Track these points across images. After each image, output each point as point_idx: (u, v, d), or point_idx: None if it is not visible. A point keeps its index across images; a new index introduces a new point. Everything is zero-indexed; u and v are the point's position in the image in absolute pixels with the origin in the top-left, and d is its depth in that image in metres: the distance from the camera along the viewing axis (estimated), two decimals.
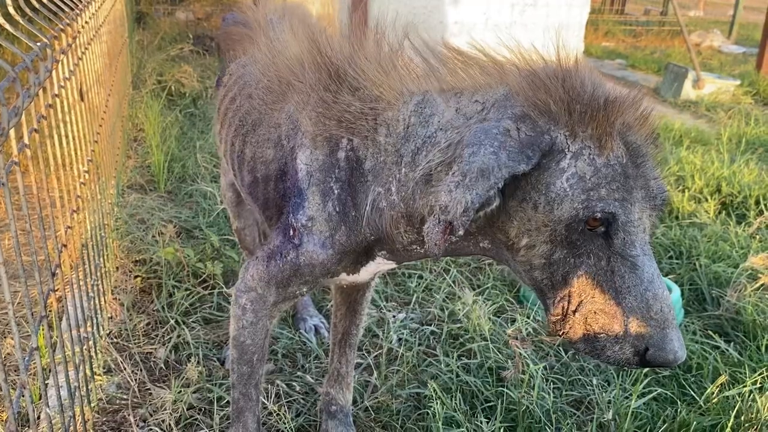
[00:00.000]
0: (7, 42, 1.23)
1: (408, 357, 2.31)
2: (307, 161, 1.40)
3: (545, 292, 1.20)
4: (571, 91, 1.11)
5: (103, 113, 2.83)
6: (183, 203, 3.55)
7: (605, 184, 1.09)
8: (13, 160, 1.29)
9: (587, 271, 1.13)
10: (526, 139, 1.10)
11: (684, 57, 8.15)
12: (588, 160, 1.10)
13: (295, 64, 1.48)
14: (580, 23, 5.38)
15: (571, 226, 1.11)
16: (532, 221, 1.14)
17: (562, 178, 1.10)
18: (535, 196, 1.12)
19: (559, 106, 1.11)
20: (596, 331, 1.13)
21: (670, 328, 1.10)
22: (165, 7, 9.45)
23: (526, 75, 1.16)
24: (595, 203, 1.09)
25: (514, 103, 1.15)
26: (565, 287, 1.16)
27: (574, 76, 1.13)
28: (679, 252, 3.10)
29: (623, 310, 1.11)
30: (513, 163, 1.07)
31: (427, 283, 2.80)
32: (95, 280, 2.17)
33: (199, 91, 5.54)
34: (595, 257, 1.12)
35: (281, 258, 1.45)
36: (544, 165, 1.11)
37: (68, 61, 1.91)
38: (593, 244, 1.12)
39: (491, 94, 1.20)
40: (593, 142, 1.11)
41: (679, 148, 4.57)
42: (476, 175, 1.07)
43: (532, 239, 1.15)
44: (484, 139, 1.10)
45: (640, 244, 1.12)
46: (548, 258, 1.15)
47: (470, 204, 1.06)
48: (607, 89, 1.14)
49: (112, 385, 2.11)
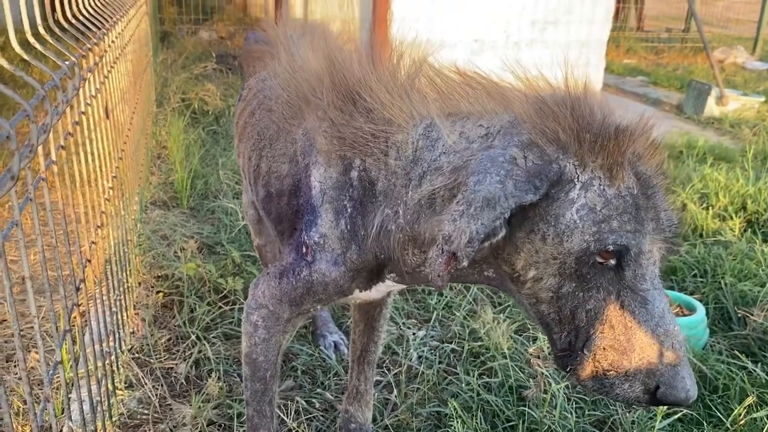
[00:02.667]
0: (36, 61, 1.25)
1: (428, 375, 2.29)
2: (321, 179, 1.41)
3: (552, 326, 1.16)
4: (580, 119, 1.09)
5: (128, 130, 2.87)
6: (205, 219, 3.58)
7: (617, 216, 1.06)
8: (41, 176, 1.31)
9: (596, 306, 1.10)
10: (533, 167, 1.07)
11: (707, 74, 8.08)
12: (598, 191, 1.07)
13: (314, 81, 1.49)
14: (601, 40, 5.37)
15: (582, 259, 1.07)
16: (540, 253, 1.11)
17: (571, 209, 1.07)
18: (544, 227, 1.09)
19: (568, 135, 1.08)
20: (605, 368, 1.10)
21: (681, 365, 1.07)
22: (189, 26, 9.61)
23: (534, 102, 1.14)
24: (606, 236, 1.05)
25: (520, 131, 1.12)
26: (573, 322, 1.12)
27: (583, 104, 1.11)
28: (704, 270, 3.05)
29: (633, 347, 1.07)
30: (520, 192, 1.04)
31: (447, 300, 2.78)
32: (118, 295, 2.19)
33: (221, 109, 5.60)
34: (605, 291, 1.09)
35: (294, 275, 1.45)
36: (552, 195, 1.08)
37: (95, 79, 1.94)
38: (603, 278, 1.09)
39: (497, 120, 1.18)
40: (604, 173, 1.08)
41: (703, 165, 4.52)
42: (482, 204, 1.04)
43: (539, 272, 1.12)
44: (490, 167, 1.07)
45: (650, 277, 1.09)
46: (556, 291, 1.12)
47: (475, 235, 1.03)
48: (617, 118, 1.11)
49: (133, 400, 2.12)
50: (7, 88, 1.00)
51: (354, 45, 1.64)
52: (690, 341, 2.42)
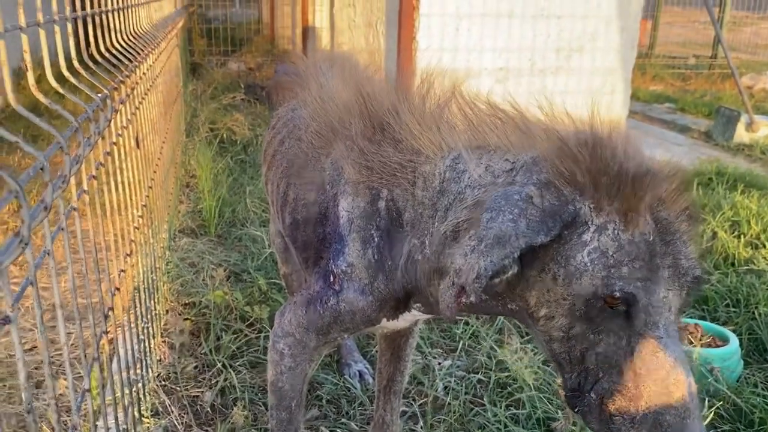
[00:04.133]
0: (70, 94, 1.29)
1: (454, 406, 2.26)
2: (348, 208, 1.41)
3: (563, 365, 1.15)
4: (599, 162, 1.07)
5: (158, 160, 2.93)
6: (232, 247, 3.61)
7: (628, 262, 1.04)
8: (73, 205, 1.34)
9: (606, 350, 1.08)
10: (549, 207, 1.06)
11: (735, 100, 7.99)
12: (612, 236, 1.05)
13: (343, 111, 1.51)
14: (626, 67, 5.35)
15: (590, 302, 1.06)
16: (551, 293, 1.10)
17: (583, 251, 1.06)
18: (555, 267, 1.08)
19: (586, 177, 1.07)
20: (611, 413, 1.08)
21: (690, 418, 1.04)
22: (218, 58, 9.81)
23: (555, 140, 1.14)
24: (614, 281, 1.04)
25: (540, 169, 1.12)
26: (583, 363, 1.11)
27: (605, 146, 1.09)
28: (737, 300, 2.98)
29: (641, 394, 1.05)
30: (532, 233, 1.04)
31: (474, 330, 2.76)
32: (146, 323, 2.21)
33: (249, 138, 5.68)
34: (615, 336, 1.07)
35: (321, 304, 1.45)
36: (565, 236, 1.07)
37: (126, 110, 1.99)
38: (613, 322, 1.07)
39: (521, 156, 1.18)
40: (619, 217, 1.06)
41: (733, 193, 4.45)
42: (492, 242, 1.04)
43: (551, 311, 1.11)
44: (504, 204, 1.07)
45: (664, 325, 1.06)
46: (567, 332, 1.11)
47: (483, 271, 1.02)
48: (639, 162, 1.09)
49: (159, 429, 2.13)
50: (42, 121, 1.03)
51: (382, 75, 1.66)
52: (723, 373, 2.35)
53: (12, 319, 0.92)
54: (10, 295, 0.91)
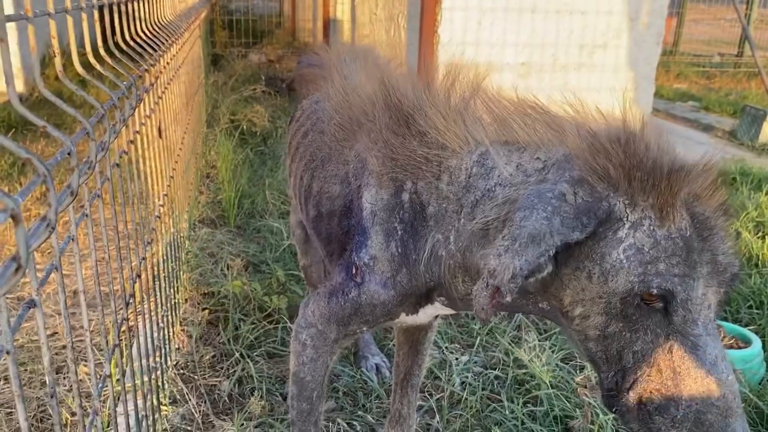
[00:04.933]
0: (96, 80, 1.29)
1: (471, 401, 2.25)
2: (372, 200, 1.41)
3: (599, 365, 1.14)
4: (632, 157, 1.06)
5: (179, 150, 2.94)
6: (251, 238, 3.63)
7: (665, 258, 1.02)
8: (96, 192, 1.35)
9: (644, 348, 1.06)
10: (582, 205, 1.05)
11: (762, 99, 7.87)
12: (648, 231, 1.04)
13: (367, 104, 1.50)
14: (650, 64, 5.28)
15: (626, 299, 1.04)
16: (586, 291, 1.09)
17: (618, 248, 1.04)
18: (590, 265, 1.07)
19: (619, 173, 1.06)
20: (650, 412, 1.06)
21: (733, 417, 1.01)
22: (239, 49, 9.84)
23: (587, 137, 1.12)
24: (652, 278, 1.02)
25: (572, 166, 1.10)
26: (620, 362, 1.09)
27: (638, 141, 1.07)
28: (760, 302, 2.94)
29: (681, 393, 1.03)
30: (566, 230, 1.02)
31: (491, 326, 2.74)
32: (165, 311, 2.23)
33: (269, 130, 5.69)
34: (653, 334, 1.05)
35: (343, 296, 1.45)
36: (600, 233, 1.05)
37: (150, 99, 1.99)
38: (651, 320, 1.05)
39: (553, 154, 1.16)
40: (654, 212, 1.04)
41: (758, 193, 4.38)
42: (527, 240, 1.02)
43: (586, 309, 1.10)
44: (538, 203, 1.06)
45: (703, 322, 1.04)
46: (603, 330, 1.09)
47: (518, 271, 1.01)
48: (673, 157, 1.07)
49: (177, 416, 2.14)
50: (69, 107, 1.03)
51: (405, 68, 1.65)
52: (745, 375, 2.32)
53: (37, 303, 0.93)
54: (36, 280, 0.92)
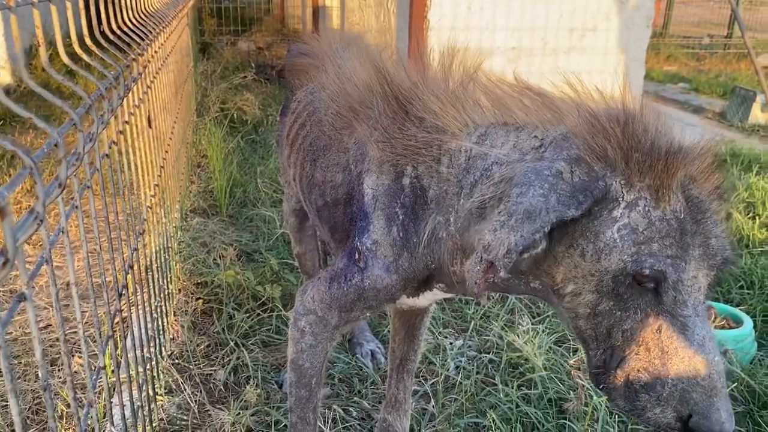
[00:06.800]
0: (83, 71, 1.28)
1: (466, 385, 2.27)
2: (373, 186, 1.41)
3: (588, 342, 1.15)
4: (630, 138, 1.06)
5: (169, 140, 2.92)
6: (244, 227, 3.62)
7: (658, 239, 1.03)
8: (86, 183, 1.34)
9: (633, 327, 1.08)
10: (579, 183, 1.05)
11: (751, 80, 7.88)
12: (642, 212, 1.05)
13: (364, 91, 1.49)
14: (640, 47, 5.27)
15: (618, 278, 1.06)
16: (578, 268, 1.10)
17: (613, 227, 1.05)
18: (583, 243, 1.08)
19: (617, 153, 1.06)
20: (637, 390, 1.08)
21: (718, 396, 1.03)
22: (228, 37, 9.76)
23: (587, 117, 1.12)
24: (644, 258, 1.03)
25: (570, 145, 1.11)
26: (609, 340, 1.11)
27: (637, 122, 1.08)
28: (751, 282, 2.96)
29: (668, 372, 1.05)
30: (562, 207, 1.03)
31: (485, 310, 2.75)
32: (159, 302, 2.22)
33: (260, 118, 5.66)
34: (643, 313, 1.07)
35: (345, 281, 1.45)
36: (595, 212, 1.06)
37: (138, 89, 1.98)
38: (641, 299, 1.07)
39: (550, 132, 1.17)
40: (650, 193, 1.05)
41: (748, 174, 4.40)
42: (522, 216, 1.03)
43: (578, 287, 1.11)
44: (535, 179, 1.06)
45: (692, 304, 1.06)
46: (593, 308, 1.11)
47: (513, 246, 1.02)
48: (671, 139, 1.08)
49: (172, 406, 2.14)
50: (55, 98, 1.02)
51: (399, 55, 1.64)
52: (737, 355, 2.34)
53: (27, 296, 0.92)
54: (26, 273, 0.91)
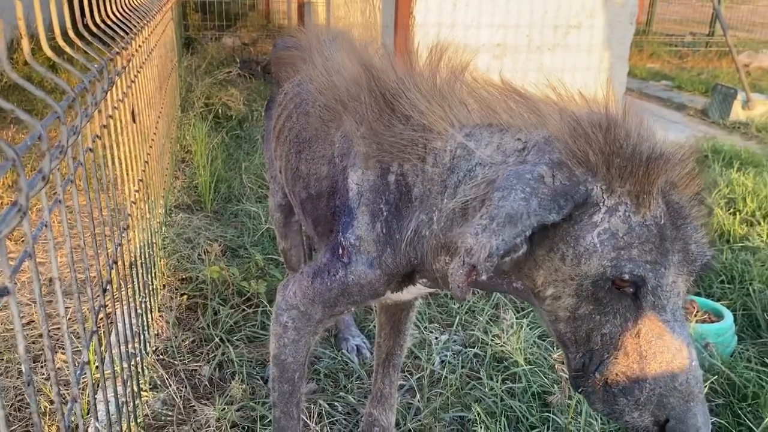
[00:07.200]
0: (66, 63, 1.27)
1: (451, 380, 2.28)
2: (358, 181, 1.41)
3: (568, 346, 1.16)
4: (612, 144, 1.06)
5: (153, 135, 2.90)
6: (228, 223, 3.61)
7: (638, 245, 1.04)
8: (69, 177, 1.33)
9: (612, 331, 1.09)
10: (560, 187, 1.06)
11: (732, 78, 7.97)
12: (623, 217, 1.05)
13: (351, 84, 1.49)
14: (624, 44, 5.31)
15: (598, 283, 1.06)
16: (558, 272, 1.10)
17: (593, 232, 1.06)
18: (563, 247, 1.08)
19: (598, 158, 1.07)
20: (616, 394, 1.09)
21: (694, 401, 1.05)
22: (212, 32, 9.69)
23: (569, 121, 1.12)
24: (624, 263, 1.04)
25: (553, 149, 1.11)
26: (588, 344, 1.12)
27: (619, 127, 1.08)
28: (731, 277, 3.00)
29: (646, 376, 1.06)
30: (543, 211, 1.03)
31: (470, 305, 2.77)
32: (143, 298, 2.21)
33: (245, 113, 5.64)
34: (622, 317, 1.08)
35: (329, 276, 1.45)
36: (576, 217, 1.07)
37: (122, 83, 1.96)
38: (620, 304, 1.07)
39: (533, 136, 1.17)
40: (631, 199, 1.05)
41: (729, 170, 4.45)
42: (504, 220, 1.03)
43: (558, 290, 1.12)
44: (516, 183, 1.06)
45: (671, 309, 1.07)
46: (573, 312, 1.11)
47: (495, 250, 1.02)
48: (652, 144, 1.08)
49: (157, 402, 2.14)
50: (38, 90, 1.02)
51: (385, 50, 1.64)
52: (718, 348, 2.38)
53: (10, 290, 0.91)
54: (8, 267, 0.91)
